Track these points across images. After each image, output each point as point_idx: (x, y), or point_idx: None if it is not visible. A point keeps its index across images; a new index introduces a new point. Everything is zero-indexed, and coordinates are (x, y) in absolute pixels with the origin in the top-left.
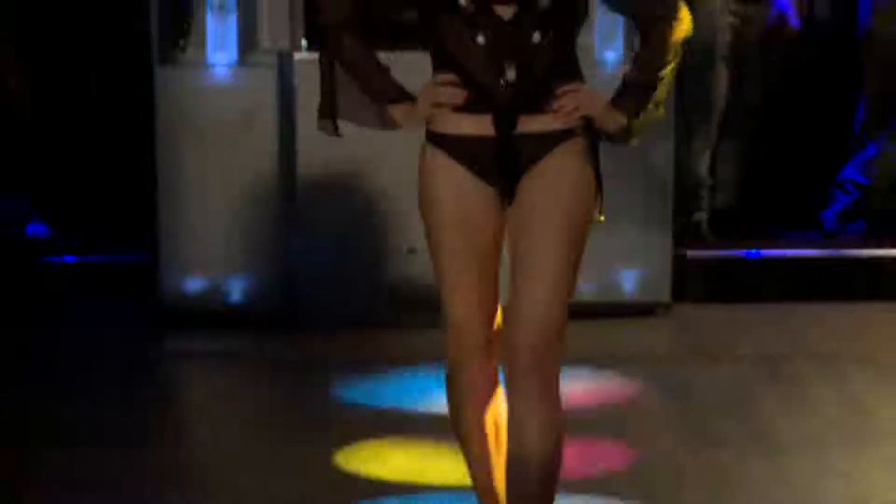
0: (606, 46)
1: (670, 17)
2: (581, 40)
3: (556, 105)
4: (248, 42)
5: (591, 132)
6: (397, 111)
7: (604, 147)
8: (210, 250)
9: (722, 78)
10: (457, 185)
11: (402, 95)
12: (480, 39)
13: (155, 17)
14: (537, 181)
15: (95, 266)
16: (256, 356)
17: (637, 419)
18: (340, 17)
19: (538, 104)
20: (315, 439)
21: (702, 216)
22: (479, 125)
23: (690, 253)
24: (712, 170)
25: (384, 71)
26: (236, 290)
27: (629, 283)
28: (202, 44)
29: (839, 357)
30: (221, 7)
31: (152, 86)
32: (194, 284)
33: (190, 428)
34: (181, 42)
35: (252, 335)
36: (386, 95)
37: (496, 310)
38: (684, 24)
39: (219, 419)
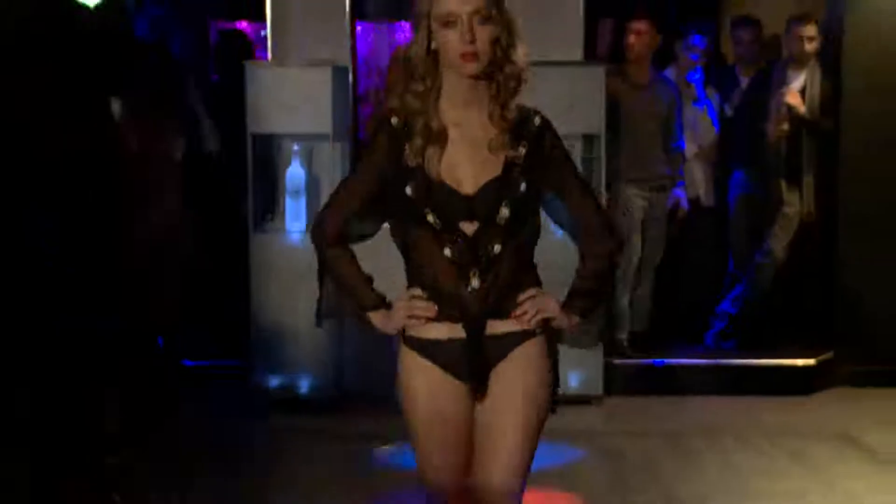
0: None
1: (613, 245)
2: None
3: (518, 311)
4: (314, 216)
5: (549, 331)
6: (375, 318)
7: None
8: (285, 356)
9: (636, 242)
10: (432, 385)
11: (380, 304)
12: (447, 252)
13: (251, 199)
14: (502, 385)
15: (205, 368)
16: (314, 429)
17: (580, 474)
18: (328, 238)
19: (502, 311)
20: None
21: (623, 335)
22: (450, 330)
23: (616, 361)
24: (630, 303)
25: (367, 282)
26: (304, 384)
27: (574, 381)
28: (283, 217)
29: (722, 434)
30: (296, 193)
31: (248, 246)
32: (273, 381)
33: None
34: (269, 216)
35: (313, 415)
36: (365, 305)
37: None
38: (622, 244)
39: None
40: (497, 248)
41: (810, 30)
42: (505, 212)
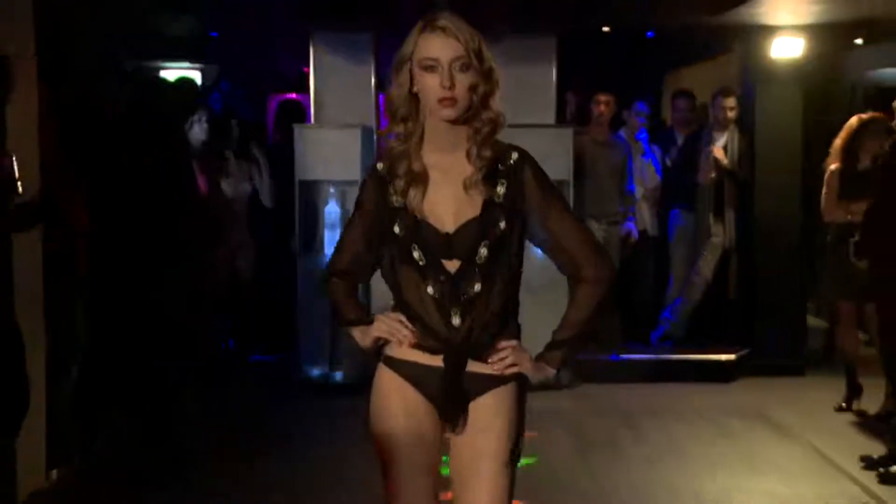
0: None
1: (603, 280)
2: None
3: (495, 358)
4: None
5: (521, 377)
6: (355, 332)
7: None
8: (324, 351)
9: None
10: (408, 404)
11: (359, 321)
12: (430, 290)
13: (298, 229)
14: (478, 425)
15: (263, 361)
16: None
17: (553, 441)
18: (335, 269)
19: (482, 352)
20: None
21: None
22: (431, 359)
23: (583, 357)
24: None
25: (352, 300)
26: (339, 373)
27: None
28: (322, 243)
29: (664, 412)
30: (332, 225)
31: (296, 265)
32: (315, 371)
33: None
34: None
35: (348, 397)
36: (347, 319)
37: None
38: (611, 280)
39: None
40: (477, 286)
41: (731, 101)
42: (483, 252)
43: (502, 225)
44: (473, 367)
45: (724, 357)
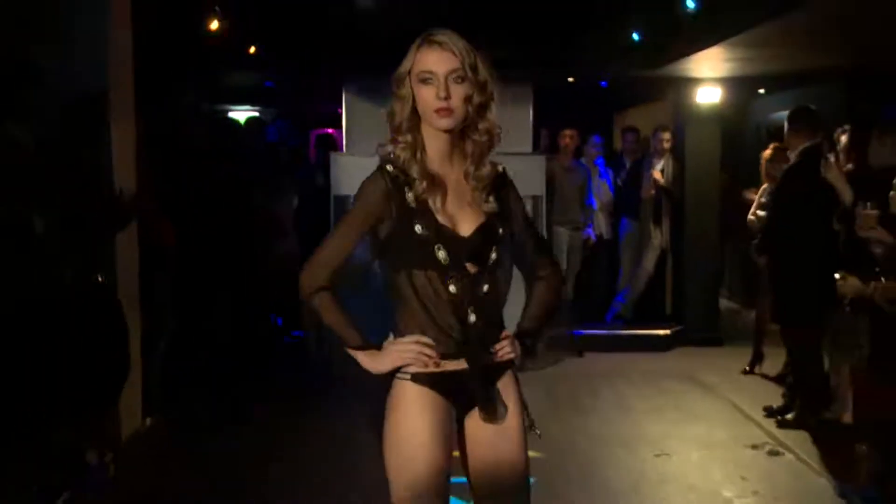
0: None
1: (554, 279)
2: None
3: (499, 346)
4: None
5: (512, 363)
6: (362, 357)
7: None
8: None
9: (564, 259)
10: (440, 415)
11: (365, 345)
12: (452, 289)
13: None
14: (493, 425)
15: (296, 341)
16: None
17: (529, 400)
18: (316, 285)
19: (489, 345)
20: None
21: None
22: (456, 363)
23: (552, 332)
24: None
25: (349, 323)
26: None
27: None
28: None
29: (615, 375)
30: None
31: None
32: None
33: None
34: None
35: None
36: (351, 345)
37: None
38: (562, 282)
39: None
40: (486, 287)
41: (667, 135)
42: (493, 255)
43: (501, 231)
44: (486, 359)
45: (661, 332)
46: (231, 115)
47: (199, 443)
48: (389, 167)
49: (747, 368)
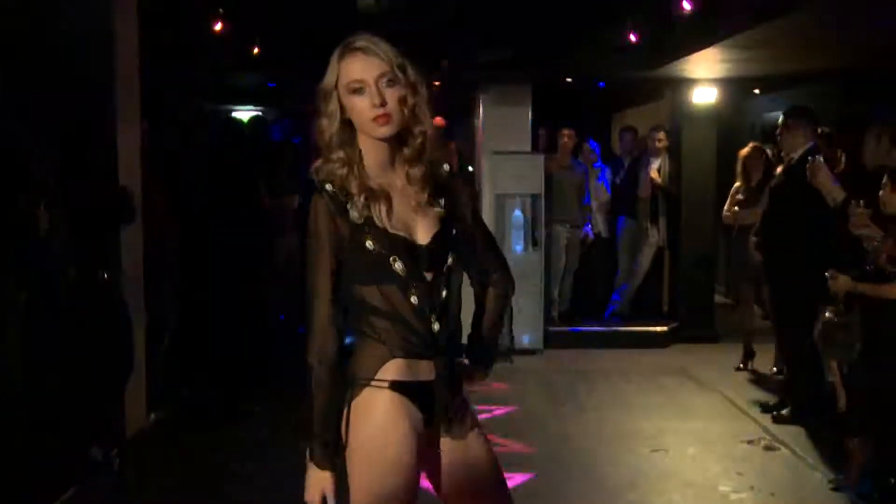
0: None
1: (511, 286)
2: None
3: (467, 384)
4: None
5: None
6: (312, 463)
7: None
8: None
9: (563, 257)
10: (413, 422)
11: (332, 458)
12: (413, 299)
13: None
14: (467, 430)
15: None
16: None
17: (528, 393)
18: (325, 355)
19: (454, 352)
20: None
21: (555, 312)
22: (428, 372)
23: (551, 328)
24: (559, 293)
25: (336, 441)
26: None
27: (525, 339)
28: None
29: (613, 371)
30: None
31: None
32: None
33: None
34: None
35: None
36: (321, 441)
37: None
38: (510, 289)
39: None
40: (444, 293)
41: (663, 135)
42: (450, 260)
43: (455, 232)
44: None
45: (658, 329)
46: (235, 114)
47: (203, 438)
48: (329, 186)
49: (740, 366)
